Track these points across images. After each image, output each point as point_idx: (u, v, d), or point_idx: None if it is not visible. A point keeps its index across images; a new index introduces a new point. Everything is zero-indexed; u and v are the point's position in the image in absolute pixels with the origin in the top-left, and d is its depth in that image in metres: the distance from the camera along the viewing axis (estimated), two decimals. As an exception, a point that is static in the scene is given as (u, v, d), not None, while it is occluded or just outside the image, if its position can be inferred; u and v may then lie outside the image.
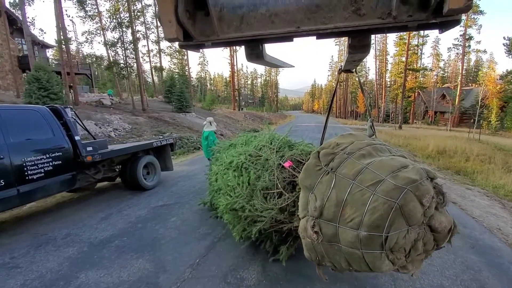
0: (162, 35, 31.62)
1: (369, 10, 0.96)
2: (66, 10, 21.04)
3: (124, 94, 30.84)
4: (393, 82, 48.61)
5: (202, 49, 1.45)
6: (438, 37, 53.81)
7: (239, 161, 3.22)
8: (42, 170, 4.05)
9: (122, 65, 20.55)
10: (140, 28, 27.11)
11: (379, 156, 1.91)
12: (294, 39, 1.13)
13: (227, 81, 64.25)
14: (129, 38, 20.20)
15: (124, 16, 20.27)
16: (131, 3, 20.58)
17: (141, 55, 27.19)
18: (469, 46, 39.38)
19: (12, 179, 3.74)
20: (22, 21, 17.77)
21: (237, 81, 44.78)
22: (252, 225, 2.81)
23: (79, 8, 20.51)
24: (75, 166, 4.59)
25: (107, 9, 21.49)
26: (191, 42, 1.12)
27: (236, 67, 42.69)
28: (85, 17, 21.27)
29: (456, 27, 0.97)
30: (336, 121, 43.01)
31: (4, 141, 3.70)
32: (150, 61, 34.86)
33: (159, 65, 35.16)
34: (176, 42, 1.11)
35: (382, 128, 27.01)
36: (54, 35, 16.21)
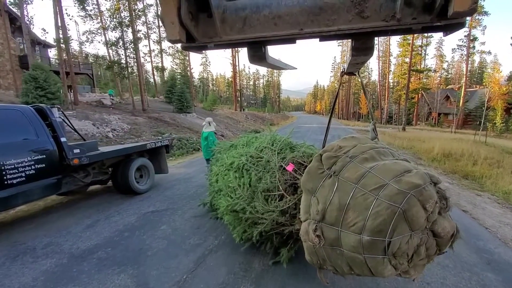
0: (164, 35, 31.56)
1: (373, 13, 0.95)
2: (66, 9, 20.89)
3: (126, 94, 30.68)
4: (396, 83, 48.11)
5: (204, 51, 1.48)
6: (442, 38, 53.32)
7: (240, 162, 3.20)
8: (23, 174, 3.78)
9: (122, 65, 20.36)
10: (141, 28, 27.02)
11: (382, 160, 1.88)
12: (297, 41, 1.13)
13: (229, 81, 64.02)
14: (130, 37, 20.04)
15: (124, 16, 20.07)
16: (132, 3, 20.39)
17: (142, 55, 27.06)
18: (473, 47, 38.88)
19: (-12, 184, 3.47)
20: (20, 20, 17.65)
21: (239, 81, 44.54)
22: (253, 226, 2.79)
23: (79, 8, 20.39)
24: (60, 170, 4.32)
25: (107, 9, 21.30)
26: (193, 43, 1.11)
27: (238, 68, 42.42)
28: (85, 17, 21.13)
29: (460, 30, 0.96)
30: (338, 122, 42.61)
31: (-20, 143, 3.44)
32: (151, 61, 34.77)
33: (160, 65, 35.05)
34: (179, 44, 1.09)
35: (385, 130, 26.62)
36: (55, 34, 15.96)
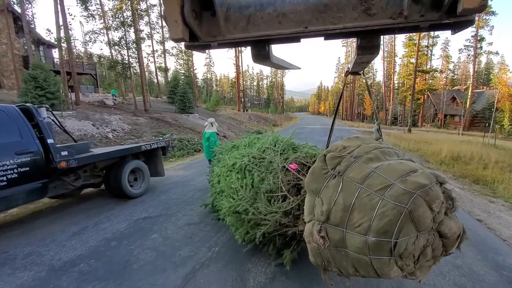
0: (167, 35, 31.49)
1: (379, 10, 0.92)
2: (69, 8, 20.87)
3: (130, 95, 30.63)
4: (401, 84, 47.46)
5: (208, 50, 1.43)
6: (448, 38, 52.57)
7: (242, 163, 3.17)
8: (5, 178, 3.54)
9: (124, 64, 20.23)
10: (145, 28, 26.93)
11: (387, 160, 1.85)
12: (302, 40, 1.11)
13: (233, 82, 63.81)
14: (132, 37, 19.90)
15: (126, 16, 19.95)
16: (135, 2, 20.24)
17: (145, 55, 26.93)
18: (481, 48, 38.20)
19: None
20: (22, 19, 17.61)
21: (242, 82, 44.26)
22: (255, 228, 2.75)
23: (82, 7, 20.31)
24: (46, 173, 4.08)
25: (109, 8, 21.22)
26: (197, 42, 1.09)
27: (241, 68, 42.14)
28: (88, 17, 21.05)
29: (469, 27, 0.94)
30: (342, 123, 42.11)
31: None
32: (154, 61, 34.72)
33: (163, 65, 34.96)
34: (182, 43, 1.09)
35: (390, 131, 26.12)
36: (56, 33, 15.86)
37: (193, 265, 3.03)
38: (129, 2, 19.44)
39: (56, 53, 31.59)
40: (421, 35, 32.08)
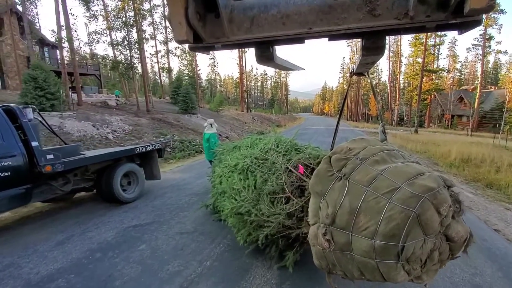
0: (170, 35, 31.45)
1: (384, 11, 0.89)
2: (71, 8, 20.86)
3: (134, 95, 30.63)
4: (407, 84, 46.69)
5: (212, 51, 1.29)
6: (455, 37, 51.69)
7: (244, 164, 3.14)
8: (-17, 184, 3.32)
9: (126, 65, 20.12)
10: (148, 28, 26.86)
11: (393, 162, 1.82)
12: (306, 40, 1.10)
13: (237, 82, 63.65)
14: (135, 37, 19.78)
15: (129, 16, 19.86)
16: (137, 2, 20.14)
17: (149, 55, 26.89)
18: (489, 47, 37.39)
19: None
20: (23, 19, 17.62)
21: (246, 82, 44.02)
22: (258, 229, 2.72)
23: (84, 8, 20.29)
24: (30, 178, 3.85)
25: (112, 9, 21.17)
26: (201, 44, 1.07)
27: (245, 68, 41.91)
28: (91, 17, 21.03)
29: (476, 28, 0.92)
30: (347, 124, 41.57)
31: None
32: (158, 61, 34.70)
33: (167, 66, 34.89)
34: (186, 44, 1.07)
35: (396, 132, 25.58)
36: (57, 34, 15.79)
37: (181, 282, 2.74)
38: (131, 2, 19.34)
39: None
40: (428, 34, 31.48)
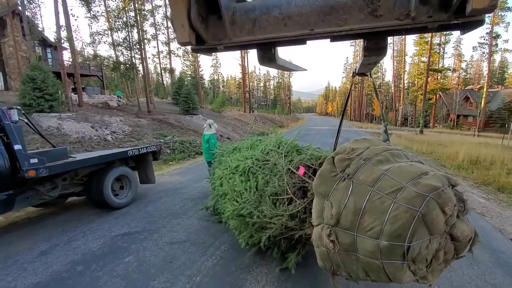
0: (172, 36, 31.31)
1: (386, 11, 0.91)
2: (71, 9, 20.82)
3: (136, 96, 30.57)
4: (411, 84, 46.07)
5: (214, 53, 1.23)
6: (460, 36, 50.92)
7: (245, 165, 3.10)
8: (-42, 191, 3.10)
9: (127, 65, 19.99)
10: (150, 29, 26.76)
11: (397, 162, 1.83)
12: (308, 41, 1.09)
13: (239, 83, 63.45)
14: (136, 38, 19.65)
15: (130, 16, 19.74)
16: (138, 2, 20.02)
17: (150, 56, 26.79)
18: (496, 45, 36.68)
19: None
20: (23, 20, 17.57)
21: (248, 83, 43.75)
22: (260, 231, 2.70)
23: (86, 9, 20.22)
24: (12, 184, 3.63)
25: (112, 9, 21.08)
26: (203, 46, 1.08)
27: (247, 69, 41.68)
28: (92, 18, 20.96)
29: (478, 28, 0.91)
30: (350, 124, 41.11)
31: None
32: (159, 62, 34.62)
33: (169, 66, 34.79)
34: (189, 46, 1.07)
35: (401, 133, 25.13)
36: (56, 34, 15.70)
37: (166, 301, 2.49)
38: (132, 2, 19.21)
39: (64, 55, 31.88)
40: (433, 33, 30.97)
